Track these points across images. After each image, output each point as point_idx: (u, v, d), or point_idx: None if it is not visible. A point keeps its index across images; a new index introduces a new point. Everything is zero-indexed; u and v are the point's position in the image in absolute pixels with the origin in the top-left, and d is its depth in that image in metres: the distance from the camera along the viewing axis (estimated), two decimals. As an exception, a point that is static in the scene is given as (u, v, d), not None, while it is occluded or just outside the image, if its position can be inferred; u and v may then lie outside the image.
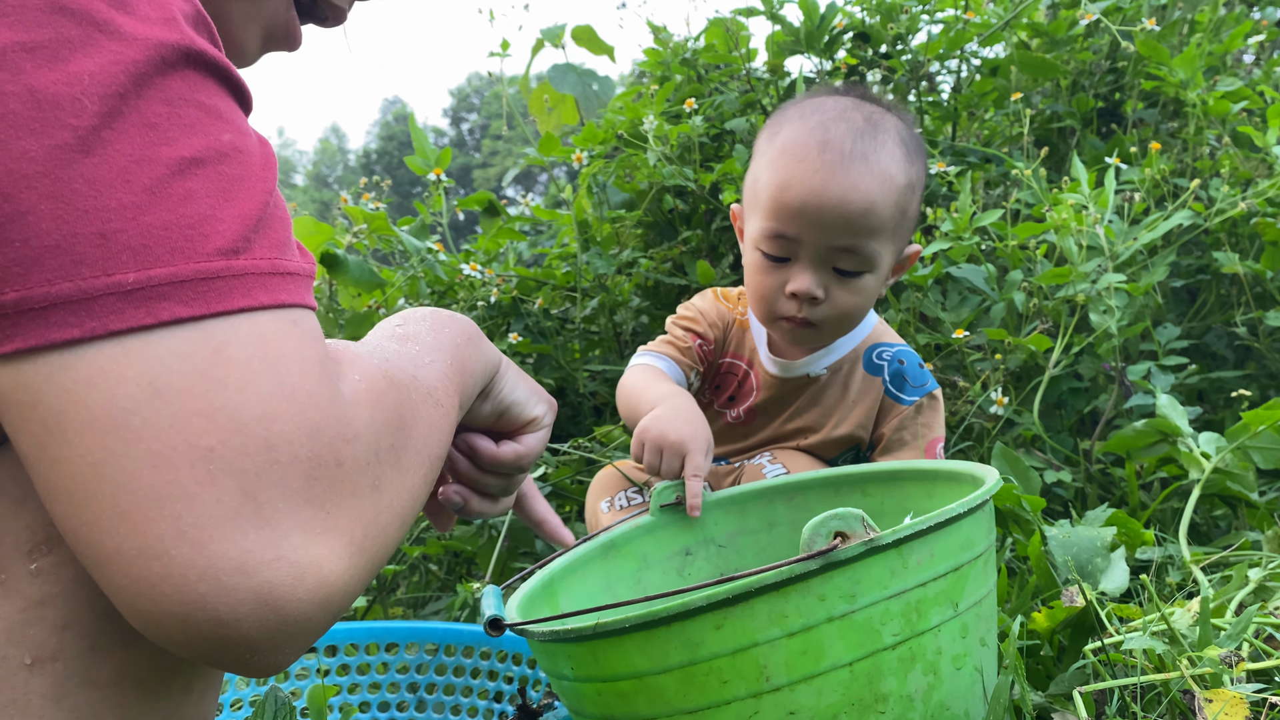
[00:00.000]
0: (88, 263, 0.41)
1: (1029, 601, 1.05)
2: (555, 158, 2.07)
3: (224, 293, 0.43)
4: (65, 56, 0.41)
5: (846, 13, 2.07)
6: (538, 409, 0.75)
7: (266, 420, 0.43)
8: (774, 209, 1.06)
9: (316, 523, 0.44)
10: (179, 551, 0.41)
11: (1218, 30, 2.19)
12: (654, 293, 2.02)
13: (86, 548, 0.42)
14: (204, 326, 0.43)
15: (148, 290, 0.42)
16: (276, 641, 0.43)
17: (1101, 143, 2.09)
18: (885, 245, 1.07)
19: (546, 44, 2.27)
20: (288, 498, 0.43)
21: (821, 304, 1.07)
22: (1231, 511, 1.42)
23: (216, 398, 0.42)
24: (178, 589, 0.41)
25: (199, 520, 0.41)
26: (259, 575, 0.42)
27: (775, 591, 0.59)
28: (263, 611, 0.42)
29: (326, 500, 0.44)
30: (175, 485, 0.41)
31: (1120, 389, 1.60)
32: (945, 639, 0.63)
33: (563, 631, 0.65)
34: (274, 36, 0.65)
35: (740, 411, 1.21)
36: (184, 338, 0.42)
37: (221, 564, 0.41)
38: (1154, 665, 0.83)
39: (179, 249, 0.42)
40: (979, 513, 0.68)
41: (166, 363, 0.42)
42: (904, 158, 1.07)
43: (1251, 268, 1.70)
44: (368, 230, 1.78)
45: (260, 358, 0.44)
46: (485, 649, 1.10)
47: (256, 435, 0.42)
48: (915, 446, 1.15)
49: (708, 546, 1.02)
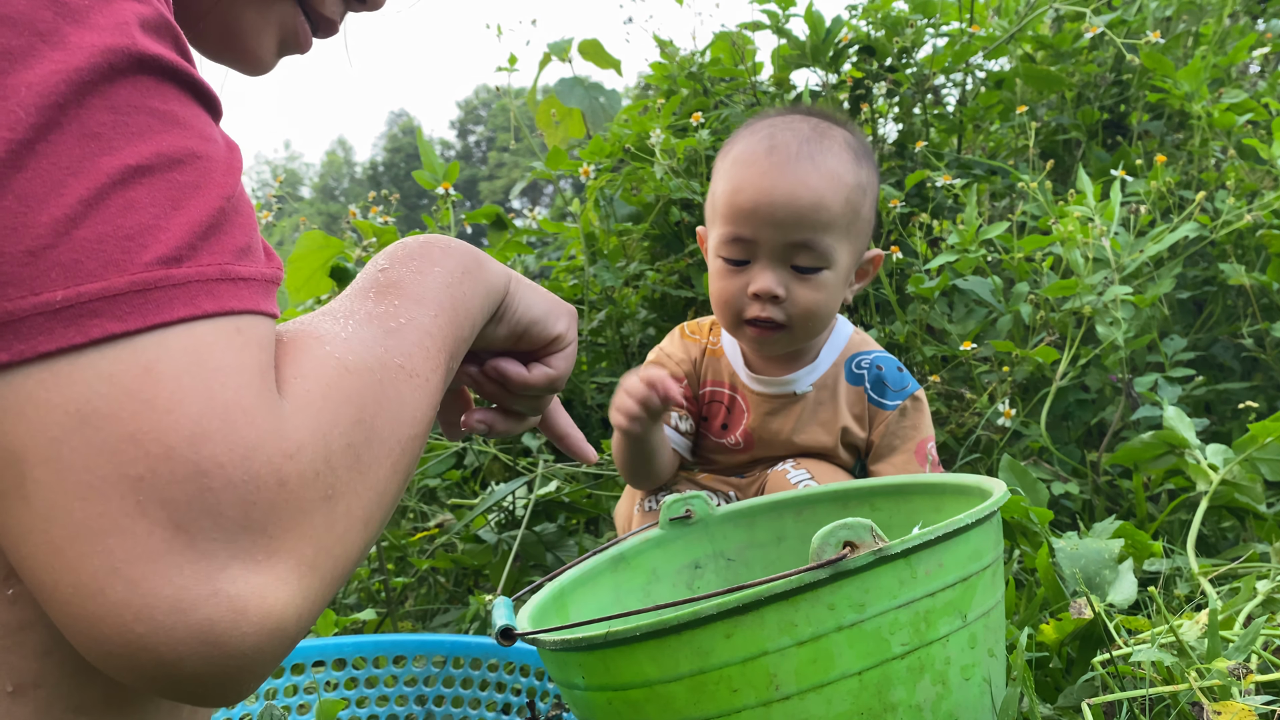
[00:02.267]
0: (14, 282, 0.39)
1: (1037, 613, 1.05)
2: (562, 171, 2.09)
3: (161, 303, 0.41)
4: (4, 69, 0.40)
5: (852, 26, 2.08)
6: (559, 325, 0.71)
7: (196, 442, 0.40)
8: (729, 214, 1.10)
9: (258, 549, 0.41)
10: (113, 590, 0.39)
11: (1222, 43, 2.19)
12: (661, 305, 2.03)
13: (30, 582, 0.40)
14: (135, 343, 0.40)
15: (78, 308, 0.40)
16: (228, 676, 0.41)
17: (1107, 155, 2.09)
18: (839, 241, 1.10)
19: (554, 58, 2.28)
20: (222, 527, 0.40)
21: (783, 303, 1.10)
22: (1239, 523, 1.42)
23: (145, 420, 0.39)
24: (116, 629, 0.39)
25: (131, 556, 0.39)
26: (196, 613, 0.39)
27: (785, 600, 0.59)
28: (206, 650, 0.40)
29: (268, 524, 0.41)
30: (106, 518, 0.39)
31: (1127, 401, 1.60)
32: (954, 649, 0.64)
33: (574, 640, 0.66)
34: (286, 42, 0.65)
35: (737, 438, 1.21)
36: (114, 357, 0.40)
37: (156, 603, 0.39)
38: (1162, 677, 0.83)
39: (114, 261, 0.40)
40: (987, 524, 0.68)
41: (95, 386, 0.39)
42: (851, 160, 1.11)
43: (1258, 279, 1.70)
44: (377, 244, 1.79)
45: (192, 373, 0.41)
46: (493, 660, 1.11)
47: (186, 460, 0.40)
48: (904, 450, 1.17)
49: (717, 560, 1.02)
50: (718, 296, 1.14)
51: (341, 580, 0.46)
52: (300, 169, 47.32)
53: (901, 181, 1.93)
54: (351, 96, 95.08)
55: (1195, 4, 2.20)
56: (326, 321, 0.52)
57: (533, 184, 2.40)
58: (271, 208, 1.99)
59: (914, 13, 2.09)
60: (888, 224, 1.80)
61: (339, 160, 46.92)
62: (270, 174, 42.70)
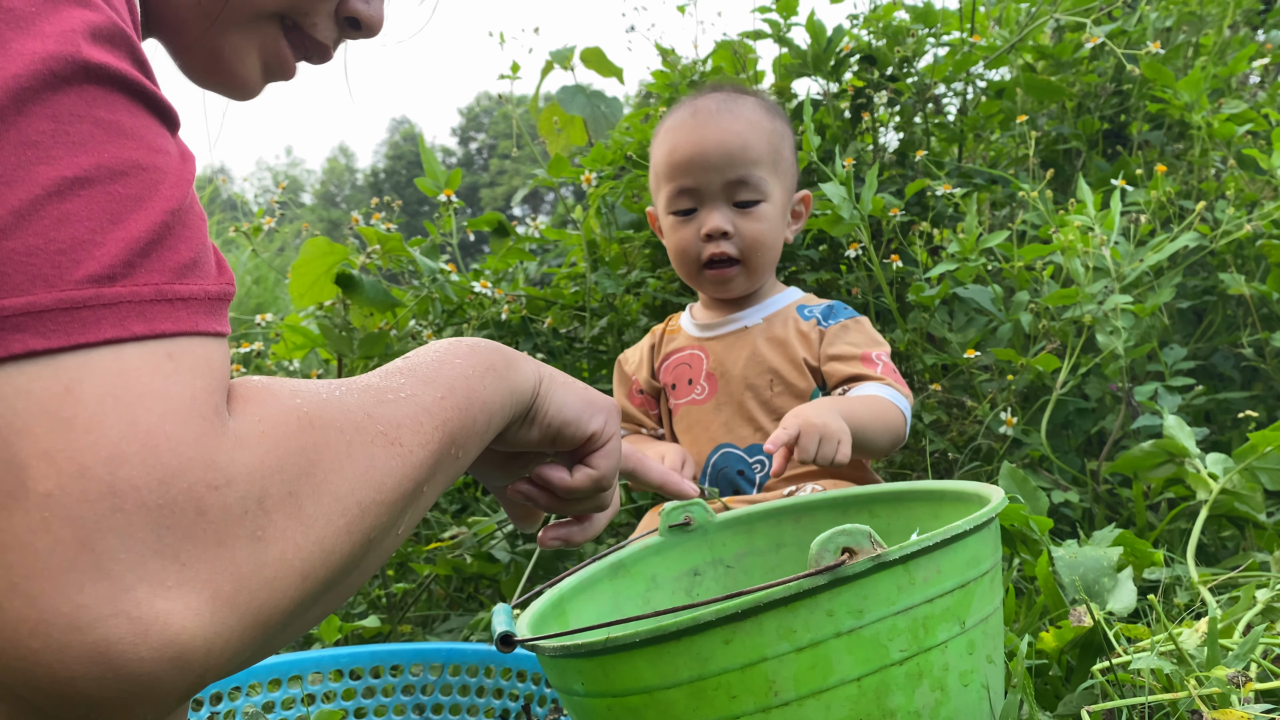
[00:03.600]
0: None
1: (1037, 621, 1.06)
2: (564, 178, 2.09)
3: (88, 323, 0.40)
4: None
5: (853, 35, 2.08)
6: (595, 423, 0.70)
7: (113, 464, 0.39)
8: (670, 171, 1.26)
9: (168, 575, 0.40)
10: (11, 604, 0.38)
11: (1222, 53, 2.20)
12: (661, 312, 2.03)
13: None
14: (57, 361, 0.40)
15: (0, 321, 0.39)
16: (123, 702, 0.40)
17: (1107, 164, 2.10)
18: (769, 176, 1.24)
19: (556, 66, 2.29)
20: (130, 548, 0.39)
21: (733, 238, 1.24)
22: (1239, 532, 1.42)
23: (60, 439, 0.39)
24: (11, 643, 0.38)
25: (31, 571, 0.38)
26: (94, 632, 0.38)
27: (784, 607, 0.60)
28: (99, 670, 0.39)
29: (181, 551, 0.40)
30: (8, 533, 0.38)
31: (1127, 409, 1.61)
32: (952, 655, 0.64)
33: (574, 646, 0.66)
34: (270, 66, 0.65)
35: (701, 384, 1.29)
36: (33, 374, 0.39)
37: (54, 619, 0.38)
38: (1162, 685, 0.84)
39: (42, 276, 0.40)
40: (985, 530, 0.68)
41: (11, 401, 0.39)
42: (765, 111, 1.28)
43: (1258, 289, 1.71)
44: (381, 251, 1.80)
45: (115, 395, 0.40)
46: (490, 666, 1.11)
47: (100, 480, 0.39)
48: (852, 356, 1.24)
49: (716, 567, 1.02)
50: (674, 249, 1.28)
51: (271, 626, 0.44)
52: (302, 175, 47.40)
53: (902, 190, 1.93)
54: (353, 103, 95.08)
55: (1195, 15, 2.20)
56: (317, 383, 0.51)
57: (534, 191, 2.40)
58: (274, 213, 1.99)
59: (915, 22, 2.10)
60: (888, 232, 1.81)
61: (340, 167, 47.00)
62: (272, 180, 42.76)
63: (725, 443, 1.25)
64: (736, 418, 1.25)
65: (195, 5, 0.58)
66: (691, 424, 1.28)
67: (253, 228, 1.86)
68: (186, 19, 0.59)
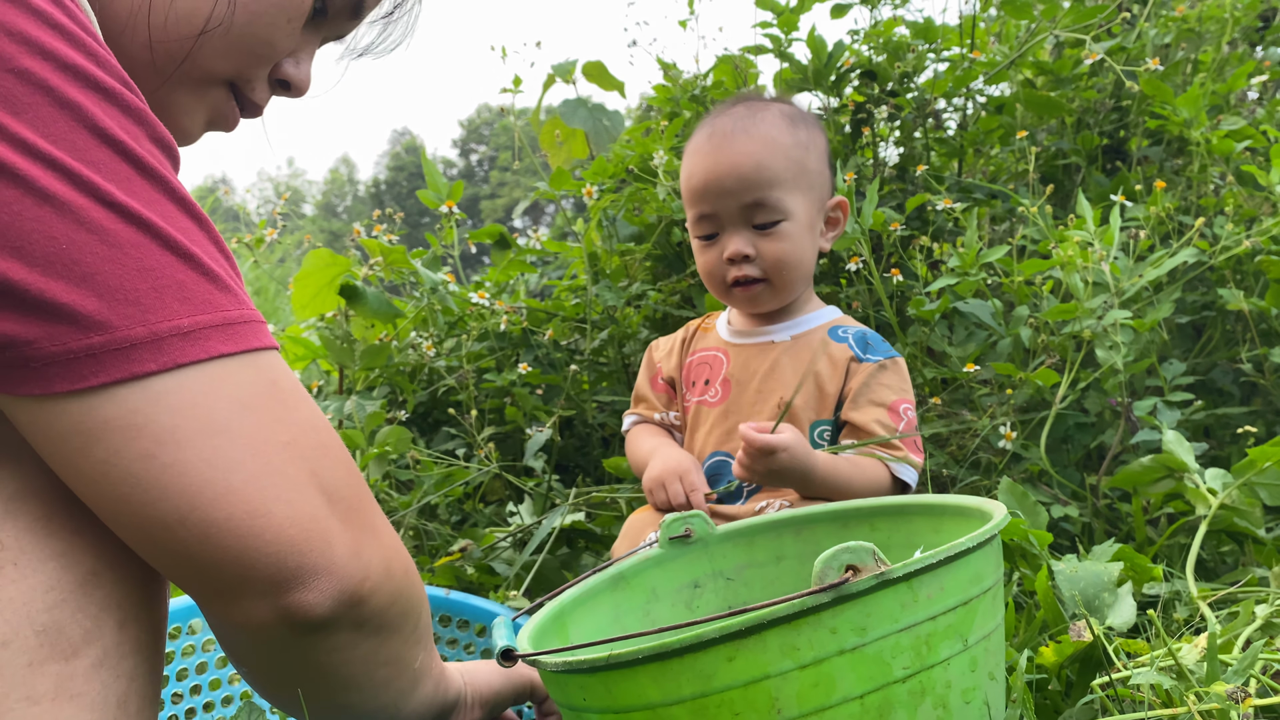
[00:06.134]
0: (152, 311, 0.52)
1: (1036, 636, 1.06)
2: (565, 191, 2.10)
3: (246, 335, 0.56)
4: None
5: (854, 50, 2.09)
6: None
7: (316, 430, 0.59)
8: (689, 197, 1.26)
9: (352, 499, 0.60)
10: (277, 509, 0.55)
11: (1221, 70, 2.21)
12: (663, 325, 2.03)
13: (196, 526, 0.53)
14: (249, 359, 0.56)
15: (198, 332, 0.53)
16: (330, 570, 0.57)
17: (1106, 180, 2.11)
18: (790, 194, 1.22)
19: (558, 79, 2.30)
20: (335, 477, 0.59)
21: (755, 259, 1.23)
22: (1238, 548, 1.42)
23: (283, 411, 0.57)
24: (276, 535, 0.55)
25: (289, 488, 0.56)
26: (323, 523, 0.57)
27: (787, 624, 0.60)
28: (324, 546, 0.57)
29: (359, 493, 0.61)
30: (270, 466, 0.55)
31: (1127, 424, 1.61)
32: (955, 673, 0.64)
33: (576, 662, 0.66)
34: (214, 122, 0.73)
35: (716, 387, 1.28)
36: (241, 369, 0.56)
37: (302, 514, 0.56)
38: (1161, 700, 0.84)
39: (207, 300, 0.54)
40: (988, 547, 0.69)
41: (244, 388, 0.55)
42: (786, 125, 1.25)
43: (1257, 305, 1.71)
44: (383, 263, 1.80)
45: (295, 389, 0.59)
46: (446, 615, 1.19)
47: (314, 437, 0.59)
48: (879, 404, 1.21)
49: (716, 579, 1.02)
50: (703, 271, 1.29)
51: (389, 582, 0.63)
52: (304, 186, 47.44)
53: (902, 204, 1.94)
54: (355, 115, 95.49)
55: (1194, 32, 2.22)
56: None
57: (534, 203, 2.41)
58: (275, 225, 2.00)
59: (916, 38, 2.11)
60: (888, 246, 1.81)
61: (341, 178, 47.04)
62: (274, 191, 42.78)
63: (723, 450, 1.25)
64: (739, 427, 1.25)
65: (149, 63, 0.64)
66: (698, 424, 1.29)
67: (255, 239, 1.87)
68: (142, 74, 0.65)
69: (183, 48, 0.65)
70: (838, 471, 1.14)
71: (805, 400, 1.22)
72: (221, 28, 0.65)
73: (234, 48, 0.67)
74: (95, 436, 0.51)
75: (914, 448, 1.21)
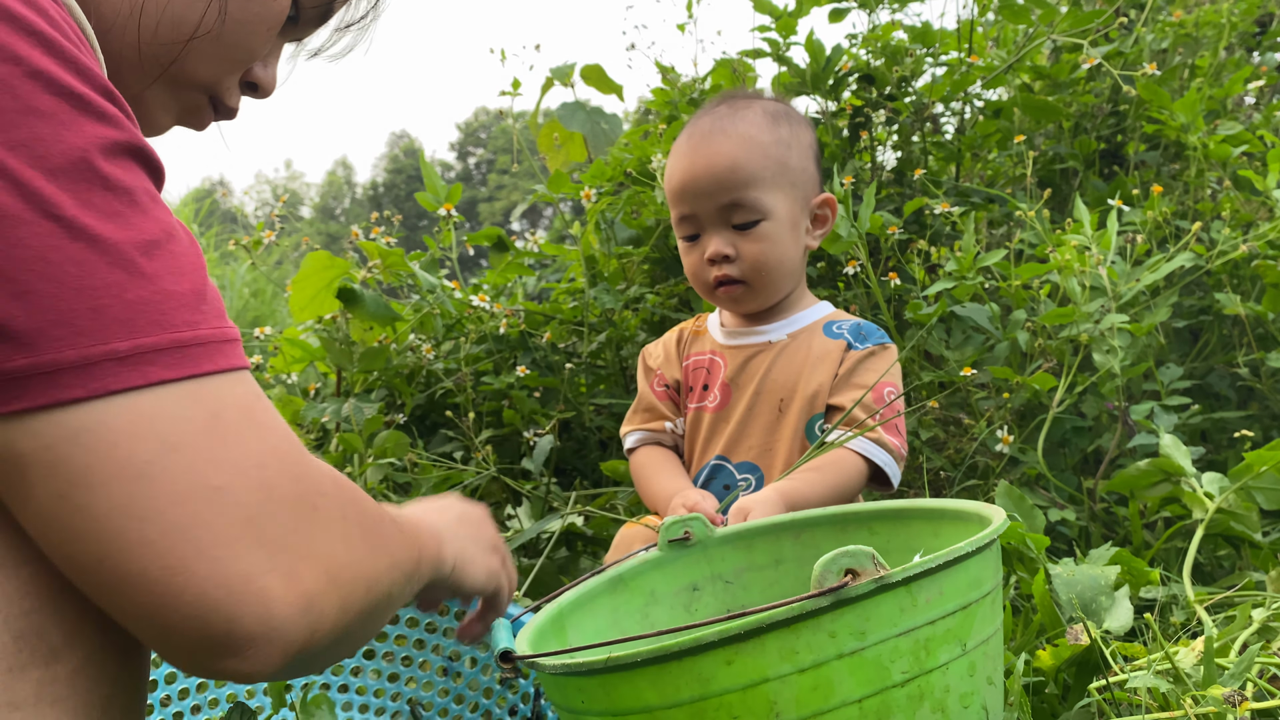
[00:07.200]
0: (86, 334, 0.48)
1: (1034, 639, 1.06)
2: (563, 194, 2.10)
3: (196, 358, 0.52)
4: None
5: (852, 55, 2.10)
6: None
7: (260, 468, 0.53)
8: (671, 198, 1.26)
9: (300, 547, 0.53)
10: (199, 567, 0.49)
11: (1218, 75, 2.22)
12: (660, 328, 2.04)
13: (109, 575, 0.49)
14: (191, 387, 0.51)
15: (137, 356, 0.49)
16: (268, 637, 0.51)
17: (1104, 184, 2.11)
18: (769, 193, 1.21)
19: (556, 82, 2.30)
20: (279, 524, 0.52)
21: (736, 260, 1.22)
22: (1235, 552, 1.42)
23: (218, 451, 0.51)
24: (197, 597, 0.49)
25: (215, 542, 0.50)
26: (259, 581, 0.51)
27: (786, 628, 0.60)
28: (260, 610, 0.51)
29: (310, 533, 0.54)
30: (195, 516, 0.50)
31: (1124, 428, 1.61)
32: (953, 677, 0.64)
33: (574, 665, 0.66)
34: (185, 121, 0.73)
35: (715, 392, 1.28)
36: (177, 400, 0.51)
37: (232, 574, 0.50)
38: (1158, 704, 0.84)
39: (156, 321, 0.50)
40: (987, 551, 0.69)
41: (174, 424, 0.50)
42: (766, 122, 1.24)
43: (1253, 309, 1.72)
44: (382, 266, 1.80)
45: (242, 417, 0.53)
46: None
47: (253, 479, 0.52)
48: (863, 385, 1.21)
49: (715, 582, 1.02)
50: (687, 272, 1.28)
51: (349, 608, 0.57)
52: (301, 189, 47.42)
53: (900, 208, 1.94)
54: (353, 117, 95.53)
55: (1191, 37, 2.22)
56: None
57: (532, 206, 2.41)
58: (273, 227, 2.00)
59: (913, 42, 2.11)
60: (886, 250, 1.82)
61: (339, 181, 47.04)
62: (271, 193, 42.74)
63: (722, 455, 1.25)
64: (740, 432, 1.25)
65: (136, 64, 0.64)
66: (698, 429, 1.29)
67: (252, 241, 1.87)
68: (126, 74, 0.65)
69: (170, 52, 0.65)
70: (810, 493, 1.13)
71: (805, 403, 1.23)
72: (210, 35, 0.66)
73: (218, 54, 0.68)
74: (15, 466, 0.49)
75: (893, 431, 1.20)
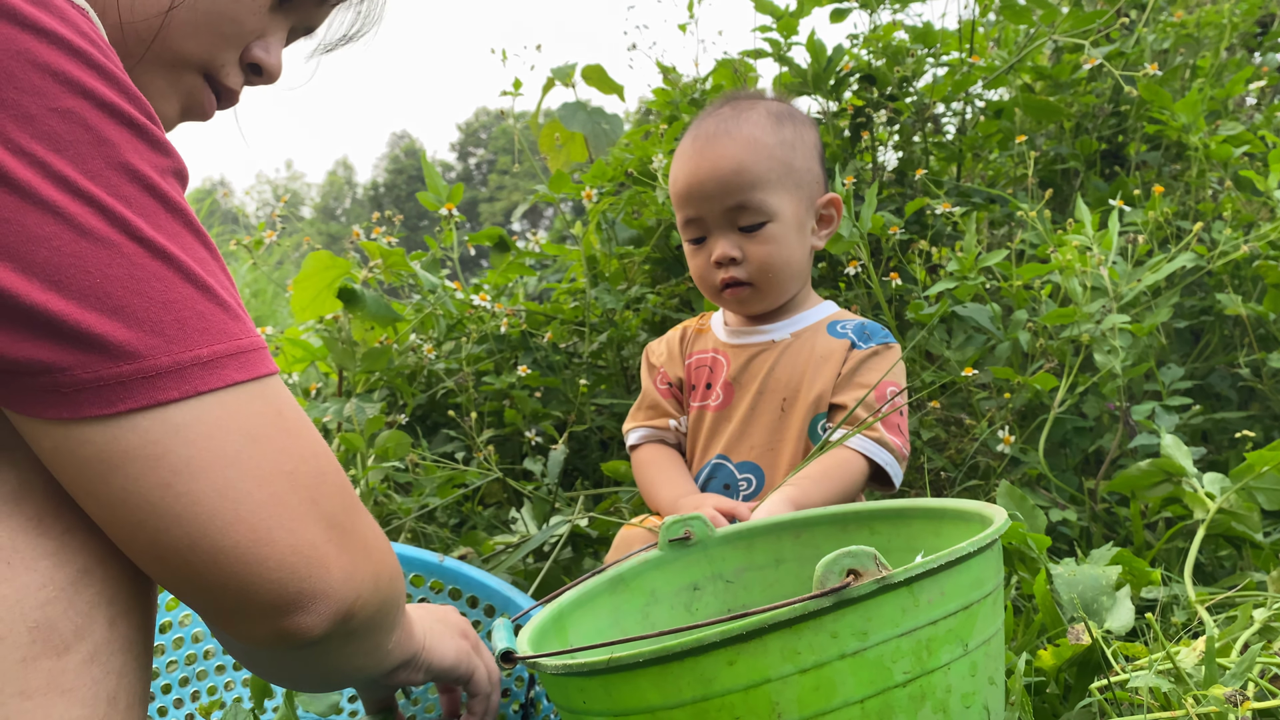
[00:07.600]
0: (175, 342, 0.55)
1: (1035, 639, 1.06)
2: (564, 194, 2.10)
3: (254, 363, 0.59)
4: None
5: (853, 55, 2.10)
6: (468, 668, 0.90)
7: (315, 457, 0.62)
8: (675, 201, 1.26)
9: (346, 524, 0.62)
10: (281, 537, 0.58)
11: (1219, 75, 2.22)
12: (661, 328, 2.03)
13: (202, 553, 0.56)
14: (258, 388, 0.59)
15: (216, 361, 0.57)
16: (327, 595, 0.60)
17: (1105, 185, 2.11)
18: (774, 195, 1.21)
19: (557, 83, 2.30)
20: (332, 504, 0.61)
21: (743, 262, 1.22)
22: (1236, 552, 1.42)
23: (287, 441, 0.60)
24: (279, 563, 0.58)
25: (291, 516, 0.58)
26: (321, 549, 0.60)
27: (788, 628, 0.60)
28: (323, 572, 0.60)
29: (353, 515, 0.64)
30: (276, 496, 0.58)
31: (1125, 429, 1.61)
32: (955, 677, 0.64)
33: (576, 665, 0.66)
34: (189, 109, 0.74)
35: (718, 390, 1.28)
36: (250, 399, 0.58)
37: (304, 543, 0.59)
38: (1159, 704, 0.84)
39: (221, 330, 0.57)
40: (988, 551, 0.69)
41: (251, 419, 0.58)
42: (770, 124, 1.24)
43: (1254, 310, 1.72)
44: (383, 266, 1.80)
45: (297, 415, 0.62)
46: (419, 576, 1.17)
47: (313, 465, 0.61)
48: (866, 384, 1.21)
49: (715, 582, 1.02)
50: (694, 275, 1.28)
51: (378, 590, 0.66)
52: (302, 189, 47.42)
53: (901, 208, 1.94)
54: (354, 117, 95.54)
55: (1192, 37, 2.22)
56: None
57: (533, 207, 2.41)
58: (274, 227, 2.00)
59: (915, 42, 2.11)
60: (887, 250, 1.82)
61: (340, 181, 47.04)
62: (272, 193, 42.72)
63: (723, 454, 1.25)
64: (742, 431, 1.25)
65: (120, 44, 0.66)
66: (700, 428, 1.28)
67: (253, 241, 1.87)
68: None
69: (150, 26, 0.66)
70: (810, 496, 1.12)
71: (808, 403, 1.22)
72: (186, 4, 0.67)
73: (201, 27, 0.69)
74: (116, 464, 0.54)
75: (895, 430, 1.20)
